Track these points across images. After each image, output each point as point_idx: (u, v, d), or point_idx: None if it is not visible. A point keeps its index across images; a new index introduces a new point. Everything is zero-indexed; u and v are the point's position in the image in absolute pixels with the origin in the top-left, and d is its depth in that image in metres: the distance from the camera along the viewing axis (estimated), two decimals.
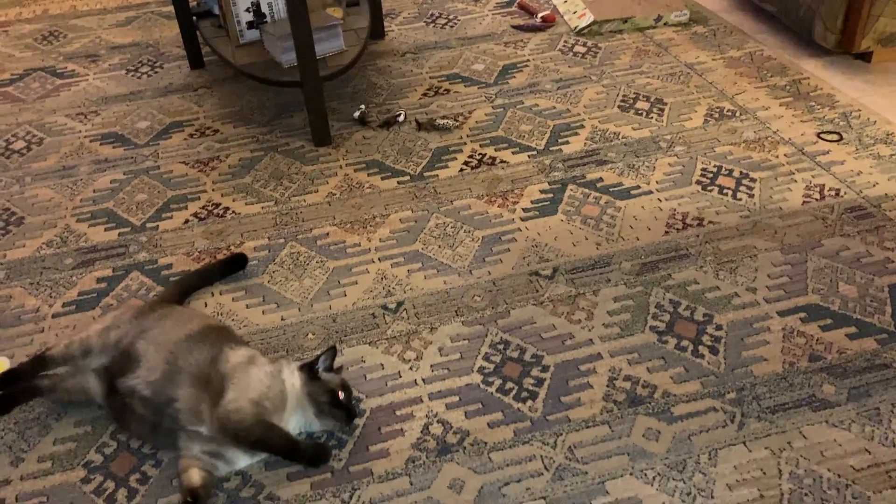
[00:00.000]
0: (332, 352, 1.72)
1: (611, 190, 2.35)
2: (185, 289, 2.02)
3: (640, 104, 2.73)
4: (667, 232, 2.19)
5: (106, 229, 2.30)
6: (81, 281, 2.12)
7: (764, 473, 1.57)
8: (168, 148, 2.64)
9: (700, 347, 1.85)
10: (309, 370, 1.68)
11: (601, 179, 2.39)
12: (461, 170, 2.47)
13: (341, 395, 1.65)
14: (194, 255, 2.19)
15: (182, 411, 1.60)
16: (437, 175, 2.46)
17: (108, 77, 3.07)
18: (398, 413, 1.74)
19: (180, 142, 2.67)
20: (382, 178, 2.46)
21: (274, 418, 1.60)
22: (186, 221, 2.32)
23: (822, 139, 2.52)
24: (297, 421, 1.66)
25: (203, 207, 2.37)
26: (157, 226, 2.30)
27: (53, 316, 2.02)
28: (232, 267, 2.12)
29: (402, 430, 1.71)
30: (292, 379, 1.66)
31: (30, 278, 2.14)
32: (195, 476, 1.56)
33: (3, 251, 2.24)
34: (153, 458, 1.67)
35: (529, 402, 1.74)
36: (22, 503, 1.60)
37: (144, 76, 3.06)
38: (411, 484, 1.60)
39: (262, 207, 2.36)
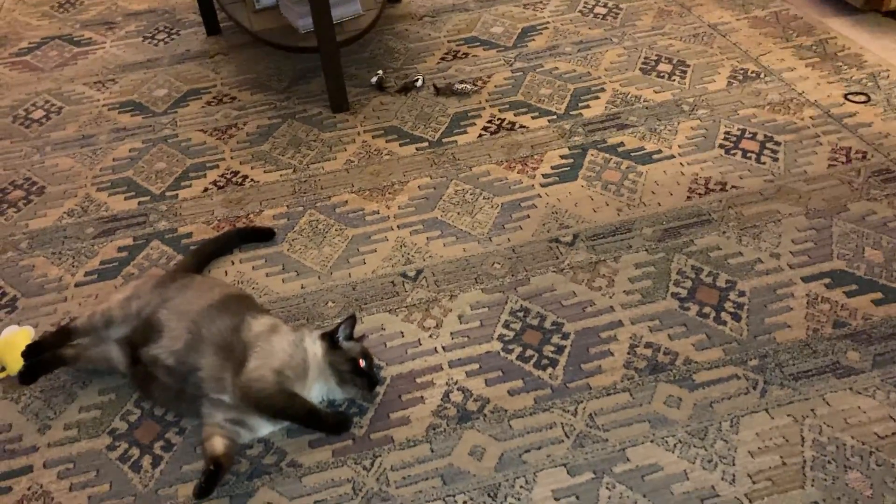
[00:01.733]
0: (352, 320, 1.72)
1: (632, 154, 2.32)
2: (204, 257, 2.03)
3: (662, 66, 2.68)
4: (689, 197, 2.15)
5: (126, 198, 2.30)
6: (103, 250, 2.13)
7: (786, 441, 1.56)
8: (186, 116, 2.63)
9: (722, 314, 1.83)
10: (330, 339, 1.68)
11: (622, 144, 2.36)
12: (480, 135, 2.44)
13: (362, 363, 1.66)
14: (214, 223, 2.19)
15: (205, 380, 1.61)
16: (456, 141, 2.43)
17: (124, 44, 3.05)
18: (418, 381, 1.75)
19: (198, 109, 2.66)
20: (401, 145, 2.44)
21: (296, 387, 1.61)
22: (205, 190, 2.32)
23: (849, 101, 2.46)
24: (319, 389, 1.67)
25: (222, 175, 2.36)
26: (177, 194, 2.31)
27: (76, 285, 2.04)
28: (255, 237, 2.13)
29: (422, 397, 1.71)
30: (314, 348, 1.67)
31: (52, 248, 2.15)
32: (218, 444, 1.57)
33: (25, 221, 2.25)
34: (176, 426, 1.69)
35: (550, 370, 1.74)
36: (49, 469, 1.63)
37: (161, 43, 3.04)
38: (432, 451, 1.60)
39: (281, 175, 2.35)
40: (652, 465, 1.55)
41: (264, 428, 1.64)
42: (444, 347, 1.81)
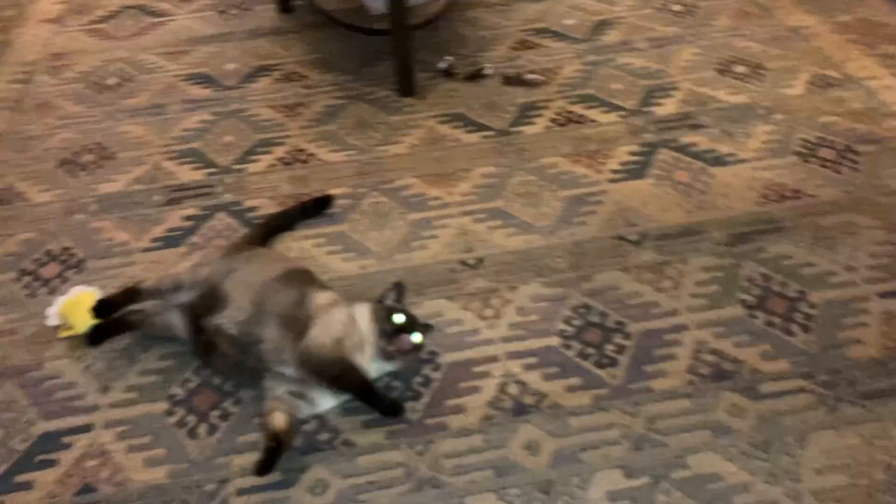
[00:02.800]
0: (400, 287, 1.71)
1: (704, 156, 2.26)
2: (269, 230, 2.04)
3: (739, 68, 2.61)
4: (762, 203, 2.09)
5: (193, 168, 2.33)
6: (169, 218, 2.16)
7: (855, 461, 1.51)
8: (255, 91, 2.65)
9: (791, 325, 1.78)
10: (377, 304, 1.68)
11: (694, 144, 2.30)
12: (548, 127, 2.41)
13: (397, 318, 1.64)
14: (279, 199, 2.20)
15: (267, 352, 1.62)
16: (523, 131, 2.40)
17: (198, 17, 3.08)
18: (474, 370, 1.73)
19: (267, 86, 2.67)
20: (466, 132, 2.42)
21: (355, 359, 1.61)
22: (272, 165, 2.33)
23: None
24: (377, 366, 1.66)
25: (288, 152, 2.37)
26: (243, 168, 2.32)
27: (142, 251, 2.06)
28: (316, 208, 2.14)
29: (478, 387, 1.70)
30: (364, 317, 1.66)
31: (120, 212, 2.19)
32: (279, 419, 1.58)
33: (95, 184, 2.29)
34: (234, 396, 1.70)
35: (610, 369, 1.71)
36: (109, 429, 1.65)
37: (234, 18, 3.06)
38: (486, 441, 1.59)
39: (346, 156, 2.35)
40: (712, 475, 1.51)
41: (325, 402, 1.64)
42: (502, 338, 1.79)
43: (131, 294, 1.79)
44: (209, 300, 1.69)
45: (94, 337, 1.78)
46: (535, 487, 1.51)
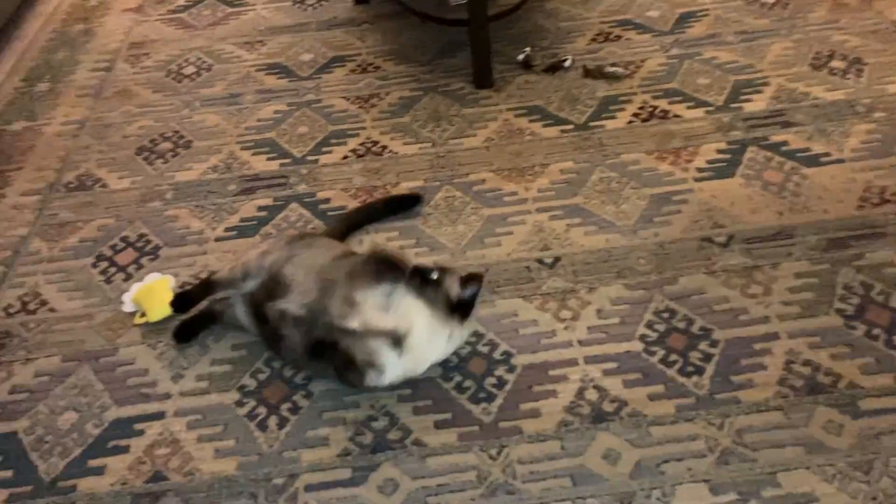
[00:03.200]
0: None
1: (797, 155, 2.14)
2: (351, 225, 2.02)
3: (836, 63, 2.47)
4: (860, 206, 1.96)
5: (268, 159, 2.32)
6: (243, 207, 2.15)
7: None
8: (330, 82, 2.62)
9: (895, 338, 1.65)
10: (421, 277, 1.62)
11: (786, 143, 2.18)
12: (630, 122, 2.32)
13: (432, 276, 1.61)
14: (351, 191, 2.17)
15: (335, 315, 1.57)
16: (604, 126, 2.32)
17: (274, 7, 3.08)
18: (551, 373, 1.66)
19: (342, 77, 2.65)
20: (544, 126, 2.34)
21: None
22: (345, 157, 2.30)
23: None
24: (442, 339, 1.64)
25: (362, 144, 2.34)
26: (317, 159, 2.30)
27: (216, 240, 2.06)
28: (404, 205, 2.10)
29: (554, 391, 1.63)
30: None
31: (195, 201, 2.19)
32: None
33: (171, 172, 2.30)
34: (304, 390, 1.67)
35: (695, 378, 1.62)
36: (180, 418, 1.64)
37: (310, 8, 3.05)
38: (563, 448, 1.52)
39: (420, 148, 2.31)
40: (806, 495, 1.41)
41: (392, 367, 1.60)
42: (580, 341, 1.72)
43: (207, 286, 1.79)
44: (271, 287, 1.67)
45: (184, 334, 1.79)
46: (614, 499, 1.44)
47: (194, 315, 1.81)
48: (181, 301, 1.78)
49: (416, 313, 1.59)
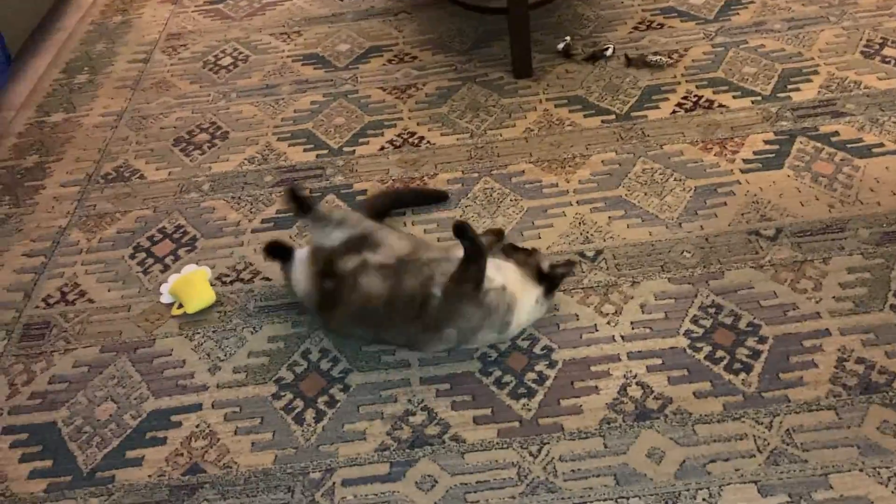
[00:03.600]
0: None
1: (848, 146, 2.06)
2: (378, 210, 1.99)
3: (889, 51, 2.38)
4: None
5: (305, 150, 2.30)
6: (280, 199, 2.13)
7: None
8: (366, 72, 2.60)
9: None
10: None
11: (837, 133, 2.11)
12: (673, 112, 2.26)
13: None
14: (388, 182, 2.14)
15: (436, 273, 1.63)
16: (646, 116, 2.26)
17: None
18: (593, 369, 1.62)
19: (379, 67, 2.62)
20: (585, 116, 2.29)
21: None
22: (382, 148, 2.27)
23: None
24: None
25: (399, 135, 2.31)
26: (354, 150, 2.28)
27: (252, 231, 2.05)
28: (429, 200, 2.08)
29: (596, 387, 1.59)
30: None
31: (232, 192, 2.18)
32: None
33: (208, 163, 2.30)
34: (341, 383, 1.65)
35: (743, 375, 1.57)
36: (217, 410, 1.64)
37: None
38: (605, 446, 1.48)
39: (458, 139, 2.27)
40: (860, 498, 1.36)
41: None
42: (622, 337, 1.68)
43: (305, 204, 1.80)
44: (359, 243, 1.70)
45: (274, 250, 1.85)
46: (659, 499, 1.39)
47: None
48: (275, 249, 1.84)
49: (509, 271, 1.68)
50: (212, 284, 1.89)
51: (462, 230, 1.59)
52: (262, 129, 2.40)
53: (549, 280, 1.69)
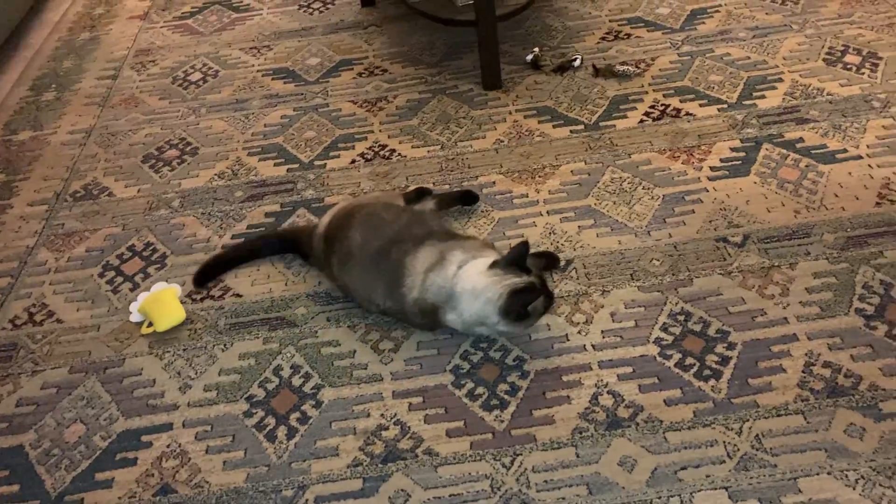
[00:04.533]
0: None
1: (813, 152, 2.10)
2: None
3: (850, 58, 2.42)
4: (878, 203, 1.92)
5: (275, 164, 2.30)
6: (250, 214, 2.13)
7: None
8: (337, 86, 2.60)
9: None
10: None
11: (801, 140, 2.14)
12: (641, 121, 2.28)
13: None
14: (359, 195, 2.14)
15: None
16: (615, 125, 2.28)
17: (280, 12, 3.07)
18: (564, 379, 1.63)
19: (349, 80, 2.62)
20: (554, 126, 2.31)
21: None
22: (353, 161, 2.27)
23: None
24: None
25: (370, 148, 2.32)
26: (325, 164, 2.27)
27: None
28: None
29: (568, 397, 1.59)
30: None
31: (202, 208, 2.17)
32: None
33: (178, 179, 2.28)
34: (314, 399, 1.65)
35: (712, 382, 1.58)
36: (188, 429, 1.62)
37: (316, 12, 3.03)
38: (577, 456, 1.49)
39: (429, 151, 2.28)
40: (828, 501, 1.37)
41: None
42: (593, 346, 1.68)
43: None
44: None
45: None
46: None
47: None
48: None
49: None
50: (182, 302, 1.88)
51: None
52: (233, 145, 2.39)
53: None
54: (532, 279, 1.61)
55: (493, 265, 1.62)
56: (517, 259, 1.62)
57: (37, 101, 2.71)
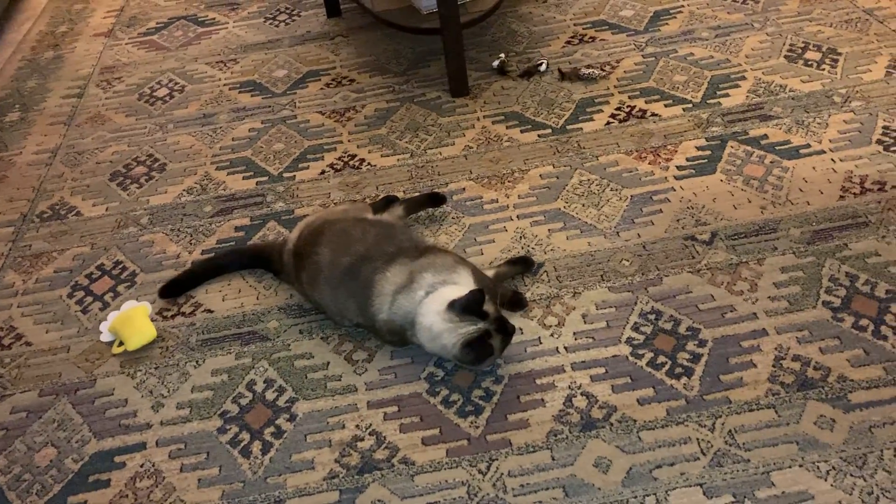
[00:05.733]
0: None
1: (777, 148, 2.12)
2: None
3: (810, 54, 2.46)
4: (842, 196, 1.95)
5: (244, 178, 2.29)
6: (220, 229, 2.11)
7: None
8: (304, 97, 2.60)
9: (883, 328, 1.63)
10: None
11: (766, 136, 2.16)
12: (608, 123, 2.30)
13: None
14: (330, 206, 2.14)
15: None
16: (582, 128, 2.29)
17: (246, 25, 3.06)
18: (538, 382, 1.63)
19: (317, 91, 2.62)
20: (522, 131, 2.32)
21: None
22: (323, 172, 2.27)
23: None
24: None
25: (339, 158, 2.31)
26: (294, 176, 2.27)
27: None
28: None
29: (542, 400, 1.60)
30: None
31: (171, 224, 2.15)
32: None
33: (146, 196, 2.27)
34: (288, 412, 1.64)
35: (684, 379, 1.59)
36: (162, 448, 1.60)
37: (282, 24, 3.03)
38: (553, 458, 1.49)
39: (398, 160, 2.28)
40: (801, 493, 1.39)
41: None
42: (566, 348, 1.69)
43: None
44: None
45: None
46: None
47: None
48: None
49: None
50: (153, 320, 1.86)
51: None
52: (201, 159, 2.38)
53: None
54: (485, 326, 1.57)
55: (450, 306, 1.58)
56: (472, 305, 1.57)
57: (1, 122, 2.68)
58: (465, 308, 1.57)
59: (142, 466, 1.57)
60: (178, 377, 1.74)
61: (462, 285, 1.63)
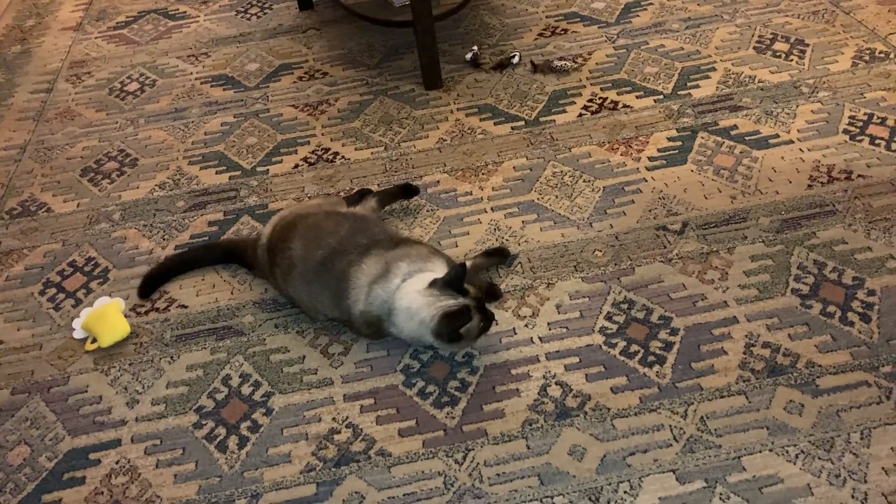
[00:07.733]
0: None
1: (746, 139, 2.15)
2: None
3: (779, 45, 2.49)
4: (810, 186, 1.98)
5: (217, 172, 2.27)
6: (193, 224, 2.10)
7: None
8: (277, 91, 2.59)
9: (849, 314, 1.67)
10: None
11: (735, 127, 2.19)
12: (580, 115, 2.31)
13: None
14: (304, 200, 2.13)
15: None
16: (554, 120, 2.31)
17: (218, 18, 3.03)
18: (513, 372, 1.65)
19: (289, 85, 2.61)
20: (495, 124, 2.33)
21: None
22: (296, 166, 2.26)
23: None
24: None
25: (313, 152, 2.31)
26: (268, 170, 2.26)
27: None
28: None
29: (517, 390, 1.61)
30: None
31: (143, 220, 2.14)
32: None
33: (118, 192, 2.25)
34: (264, 406, 1.64)
35: (657, 367, 1.62)
36: (137, 444, 1.60)
37: (254, 17, 3.01)
38: (528, 447, 1.51)
39: (372, 153, 2.28)
40: (771, 477, 1.41)
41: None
42: (540, 338, 1.71)
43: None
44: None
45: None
46: (582, 495, 1.42)
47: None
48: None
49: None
50: (126, 316, 1.85)
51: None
52: (173, 154, 2.36)
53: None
54: (466, 302, 1.59)
55: (432, 284, 1.60)
56: (454, 281, 1.60)
57: None
58: (448, 283, 1.59)
59: (117, 463, 1.57)
60: (153, 373, 1.73)
61: (438, 273, 1.64)
